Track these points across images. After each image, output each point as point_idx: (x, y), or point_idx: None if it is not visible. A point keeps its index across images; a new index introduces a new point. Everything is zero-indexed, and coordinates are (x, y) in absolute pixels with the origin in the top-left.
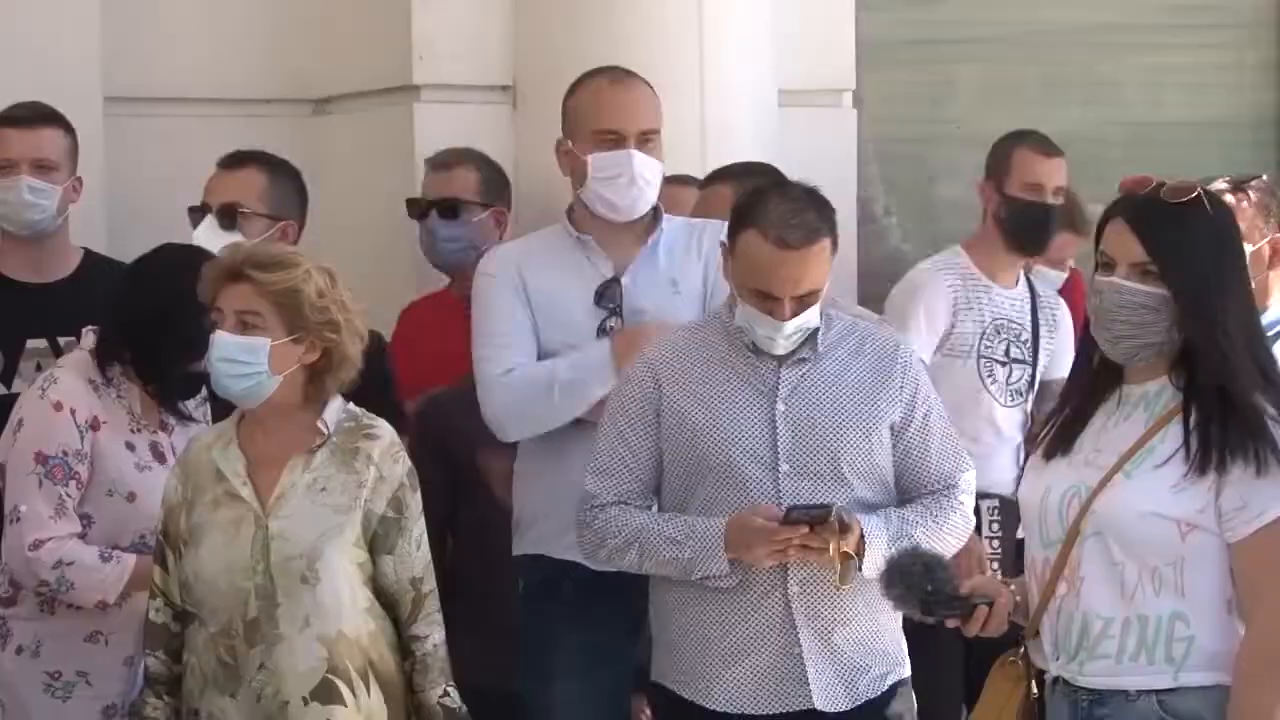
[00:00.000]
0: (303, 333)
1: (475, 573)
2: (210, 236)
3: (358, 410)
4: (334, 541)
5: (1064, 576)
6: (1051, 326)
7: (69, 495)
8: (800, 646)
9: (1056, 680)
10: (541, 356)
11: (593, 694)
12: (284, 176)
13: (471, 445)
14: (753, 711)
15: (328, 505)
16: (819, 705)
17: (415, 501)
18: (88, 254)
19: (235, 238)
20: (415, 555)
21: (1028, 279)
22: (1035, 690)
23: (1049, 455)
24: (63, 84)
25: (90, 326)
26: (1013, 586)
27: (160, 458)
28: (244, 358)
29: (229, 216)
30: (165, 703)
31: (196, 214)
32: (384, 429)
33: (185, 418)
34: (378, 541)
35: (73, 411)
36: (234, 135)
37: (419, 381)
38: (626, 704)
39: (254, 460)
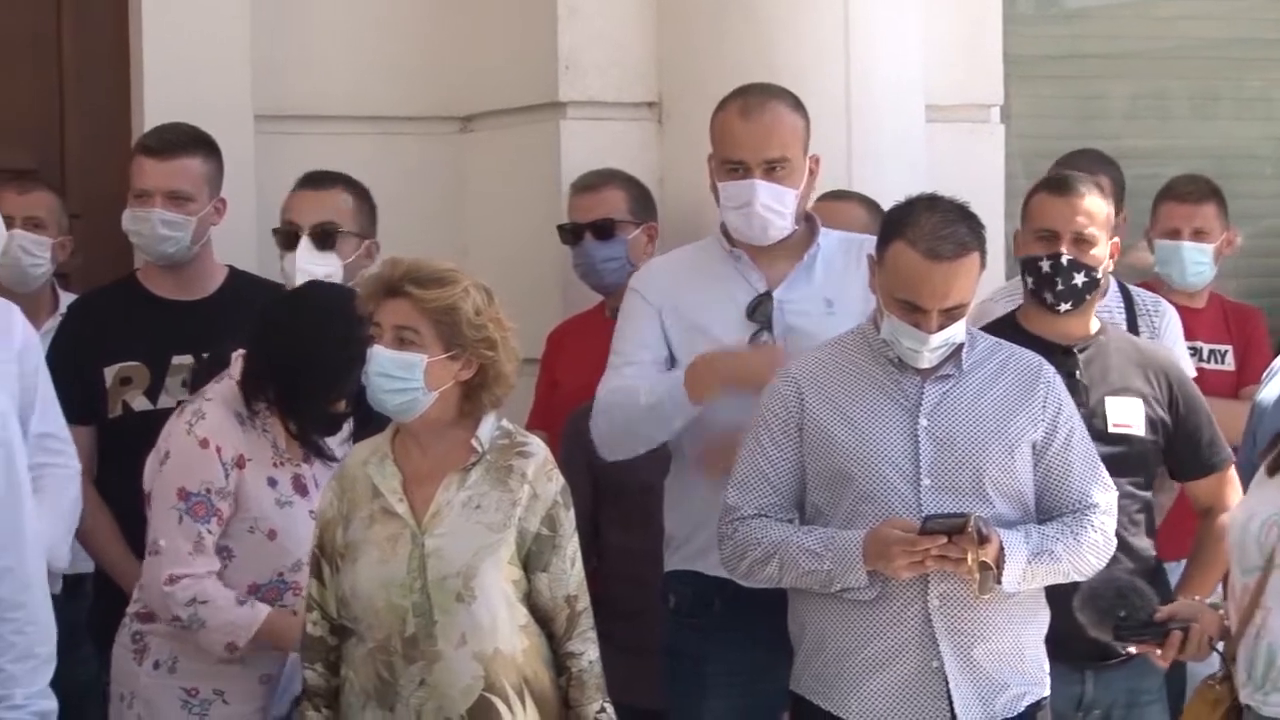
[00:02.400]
0: (459, 349)
1: (623, 591)
2: (309, 258)
3: (511, 427)
4: (489, 559)
5: (1260, 604)
6: (1153, 331)
7: (209, 532)
8: (940, 660)
9: (1246, 708)
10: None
11: (743, 712)
12: (365, 196)
13: (614, 463)
14: None
15: (482, 523)
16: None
17: (569, 519)
18: (233, 271)
19: (331, 258)
20: (570, 573)
21: (1122, 288)
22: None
23: (1271, 471)
24: (214, 102)
25: (239, 351)
26: (1222, 610)
27: (303, 490)
28: (400, 373)
29: (326, 237)
30: (323, 715)
31: (282, 236)
32: (537, 446)
33: (326, 457)
34: (532, 559)
35: (219, 449)
36: (381, 152)
37: (569, 400)
38: None
39: (409, 476)
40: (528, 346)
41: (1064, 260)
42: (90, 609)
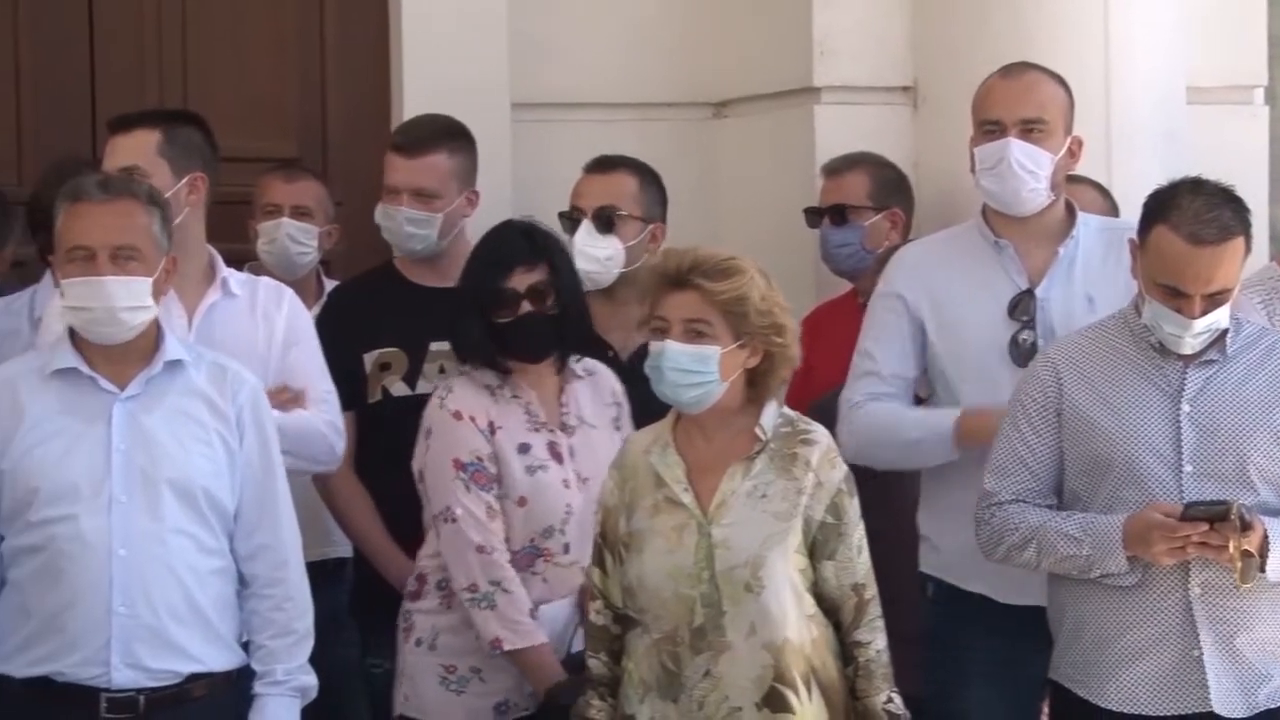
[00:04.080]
0: (748, 337)
1: (879, 579)
2: (589, 240)
3: (793, 414)
4: (777, 549)
5: None
6: None
7: (499, 497)
8: (1200, 649)
9: None
10: (945, 364)
11: (1004, 699)
12: (651, 180)
13: None
14: (1148, 713)
15: (769, 512)
16: (1217, 709)
17: (853, 506)
18: None
19: (612, 241)
20: (856, 561)
21: None
22: None
23: None
24: (471, 90)
25: None
26: None
27: (558, 458)
28: (696, 367)
29: (606, 220)
30: (608, 704)
31: (567, 219)
32: (820, 433)
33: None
34: (818, 548)
35: (472, 419)
36: (634, 139)
37: (822, 387)
38: (1037, 712)
39: (692, 465)
40: None
41: None
42: (351, 593)
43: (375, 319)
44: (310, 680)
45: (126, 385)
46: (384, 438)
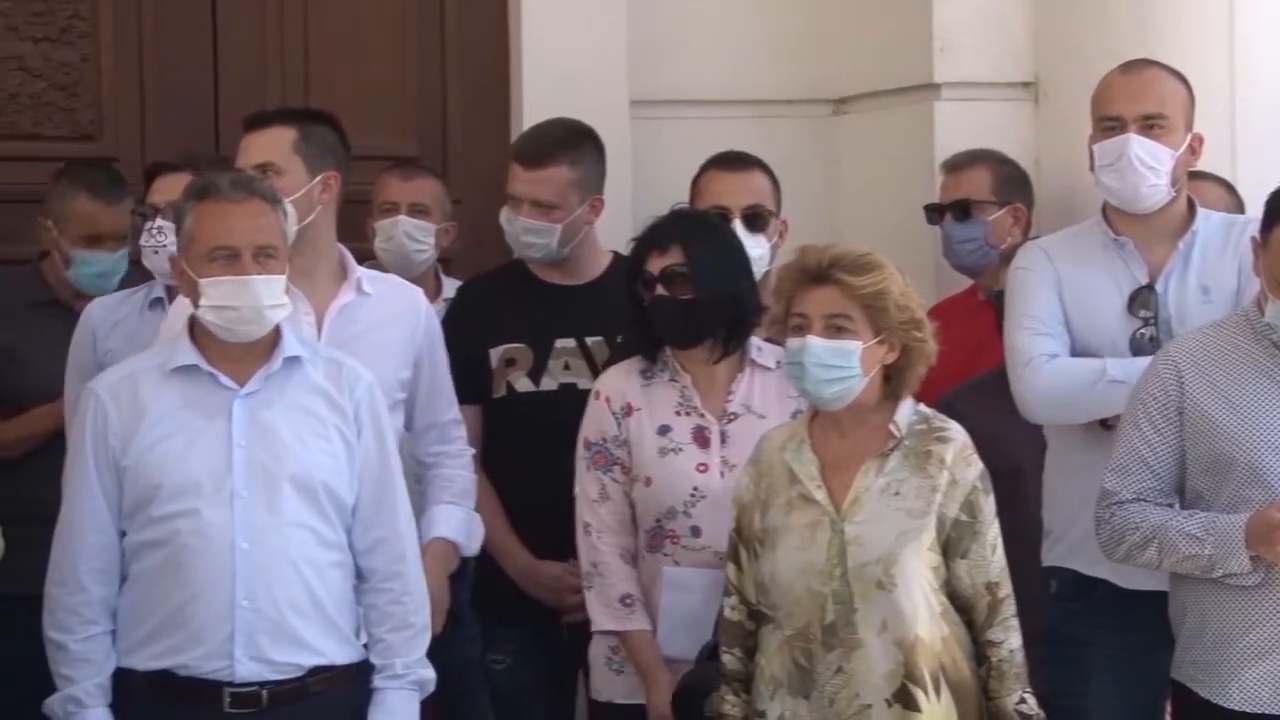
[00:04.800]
0: (887, 333)
1: None
2: (745, 241)
3: (928, 411)
4: (910, 546)
5: None
6: None
7: (614, 480)
8: None
9: None
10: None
11: (1127, 698)
12: (773, 174)
13: (984, 446)
14: (1272, 711)
15: (902, 509)
16: None
17: (988, 505)
18: (617, 257)
19: (762, 240)
20: (990, 559)
21: None
22: None
23: None
24: (591, 88)
25: None
26: None
27: (702, 442)
28: (838, 362)
29: (756, 219)
30: (742, 700)
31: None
32: (956, 430)
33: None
34: (951, 546)
35: (608, 400)
36: (754, 136)
37: (940, 384)
38: (1161, 710)
39: (826, 462)
40: None
41: None
42: (472, 588)
43: (502, 315)
44: (429, 674)
45: (246, 382)
46: (508, 433)
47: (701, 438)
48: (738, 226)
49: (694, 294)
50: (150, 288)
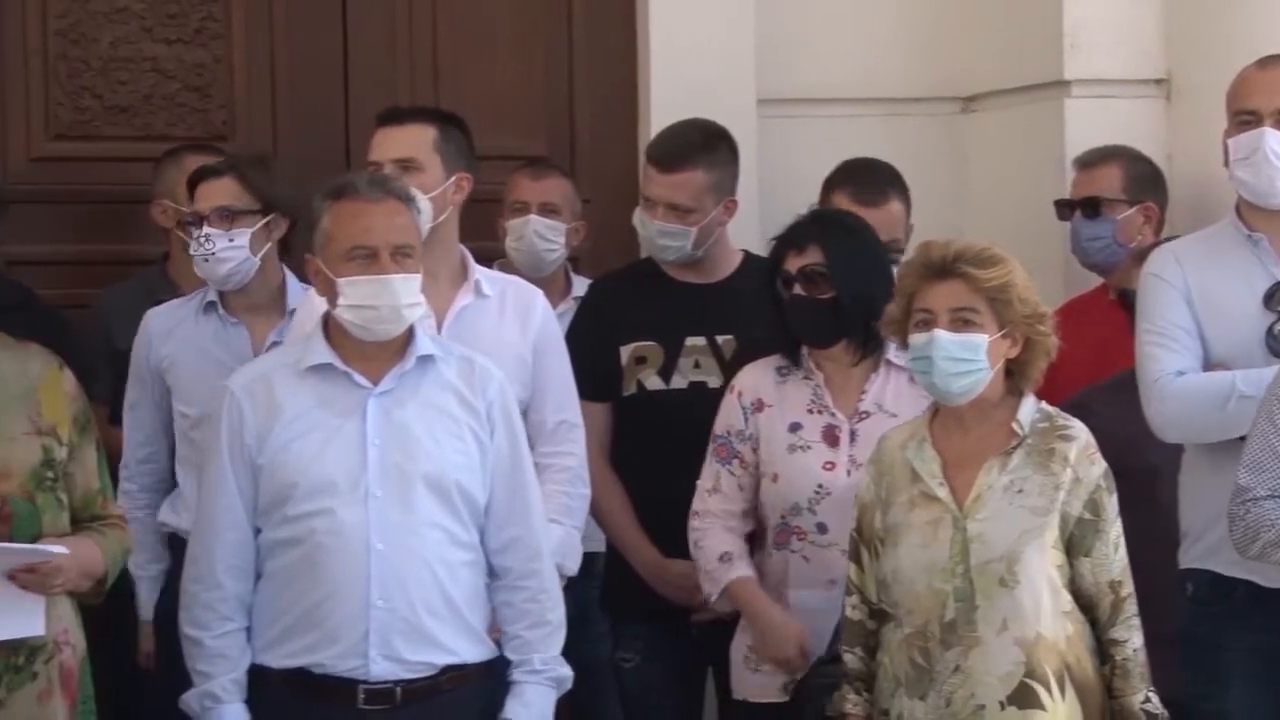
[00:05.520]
0: (1011, 326)
1: (1142, 579)
2: None
3: (1051, 409)
4: (1033, 544)
5: None
6: None
7: (731, 473)
8: None
9: None
10: (1208, 357)
11: (1268, 701)
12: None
13: (1119, 445)
14: None
15: (1025, 507)
16: None
17: (1111, 504)
18: (747, 256)
19: None
20: (1113, 558)
21: None
22: None
23: None
24: (718, 87)
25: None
26: None
27: (832, 441)
28: (965, 355)
29: None
30: (864, 699)
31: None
32: (1079, 429)
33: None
34: (1075, 544)
35: (739, 394)
36: (882, 135)
37: (1067, 384)
38: None
39: (948, 460)
40: None
41: None
42: (602, 587)
43: (633, 312)
44: (566, 672)
45: (380, 380)
46: (637, 431)
47: (831, 436)
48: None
49: (832, 294)
50: (204, 293)
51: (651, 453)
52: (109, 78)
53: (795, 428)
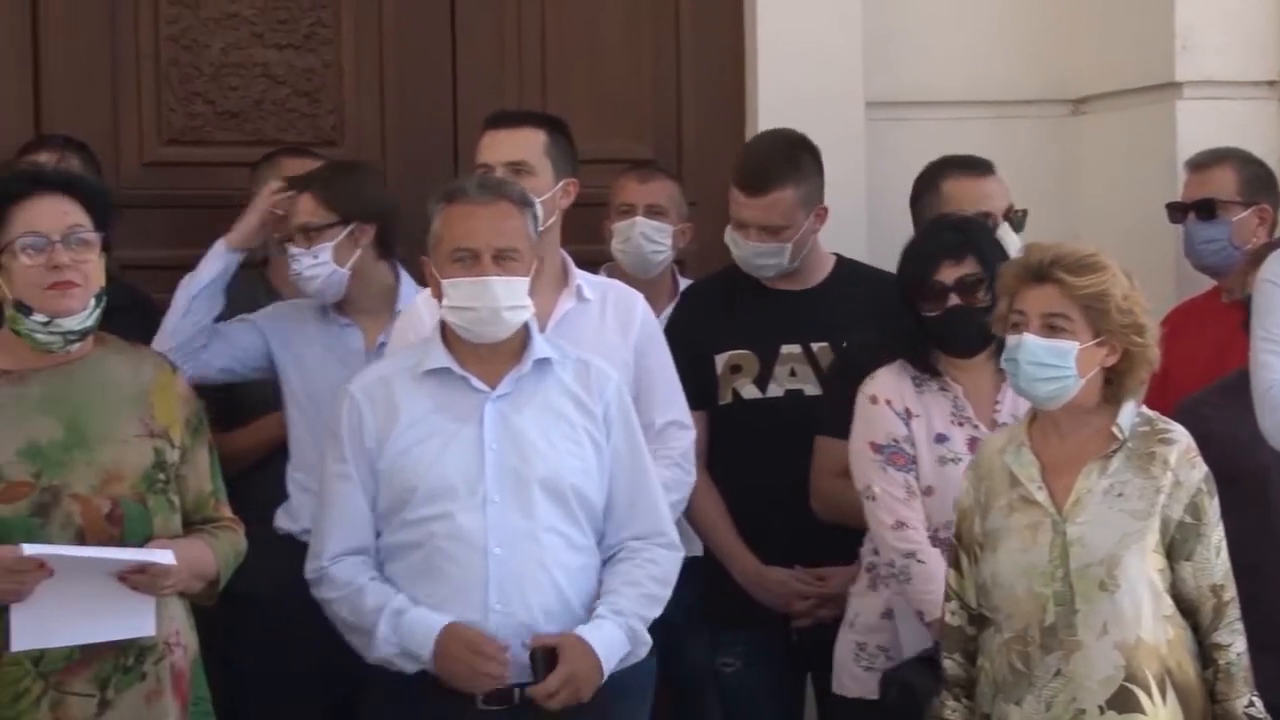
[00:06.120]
0: (1107, 335)
1: (1252, 584)
2: (1010, 240)
3: (1151, 413)
4: (1133, 547)
5: None
6: None
7: (913, 479)
8: None
9: None
10: None
11: None
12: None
13: (1230, 448)
14: None
15: (1125, 511)
16: None
17: (1213, 507)
18: (839, 260)
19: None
20: (1215, 562)
21: None
22: None
23: None
24: (825, 90)
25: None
26: None
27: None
28: (1052, 361)
29: (1018, 222)
30: (963, 705)
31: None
32: (1180, 433)
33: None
34: (1175, 548)
35: (888, 402)
36: (990, 137)
37: (1179, 388)
38: None
39: (1047, 464)
40: None
41: None
42: (702, 593)
43: (727, 320)
44: (645, 638)
45: (497, 384)
46: (734, 439)
47: (975, 448)
48: (1005, 227)
49: (988, 302)
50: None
51: (749, 461)
52: (220, 83)
53: (941, 439)
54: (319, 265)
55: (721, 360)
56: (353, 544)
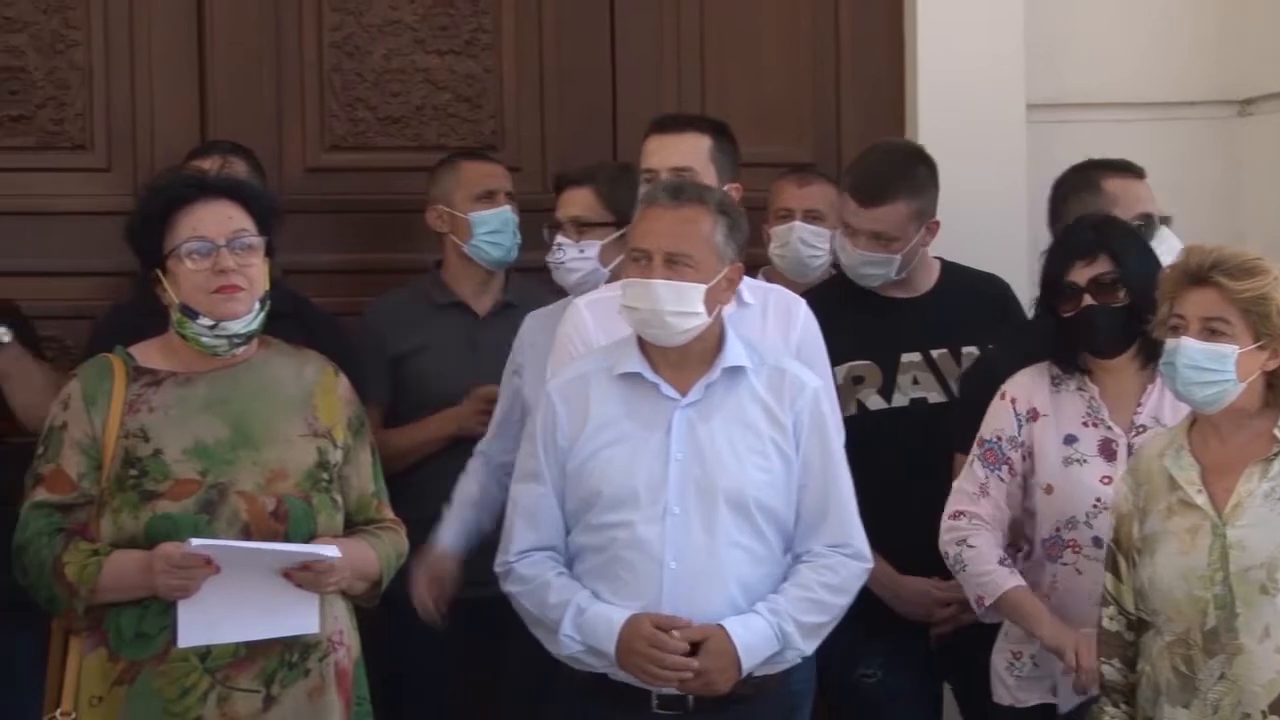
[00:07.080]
0: (1268, 339)
1: None
2: (1167, 245)
3: None
4: None
5: None
6: None
7: (1000, 479)
8: None
9: None
10: None
11: None
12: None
13: None
14: None
15: None
16: None
17: None
18: (944, 265)
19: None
20: None
21: None
22: None
23: None
24: (986, 92)
25: None
26: None
27: (1109, 454)
28: (1211, 365)
29: (1150, 225)
30: (1121, 711)
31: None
32: None
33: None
34: None
35: (1014, 401)
36: (1153, 138)
37: None
38: None
39: (1207, 467)
40: None
41: None
42: None
43: (843, 331)
44: (797, 644)
45: (688, 391)
46: (863, 451)
47: (1108, 450)
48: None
49: (1126, 302)
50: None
51: (881, 472)
52: (382, 89)
53: (1070, 440)
54: (584, 259)
55: (841, 371)
56: (540, 540)
